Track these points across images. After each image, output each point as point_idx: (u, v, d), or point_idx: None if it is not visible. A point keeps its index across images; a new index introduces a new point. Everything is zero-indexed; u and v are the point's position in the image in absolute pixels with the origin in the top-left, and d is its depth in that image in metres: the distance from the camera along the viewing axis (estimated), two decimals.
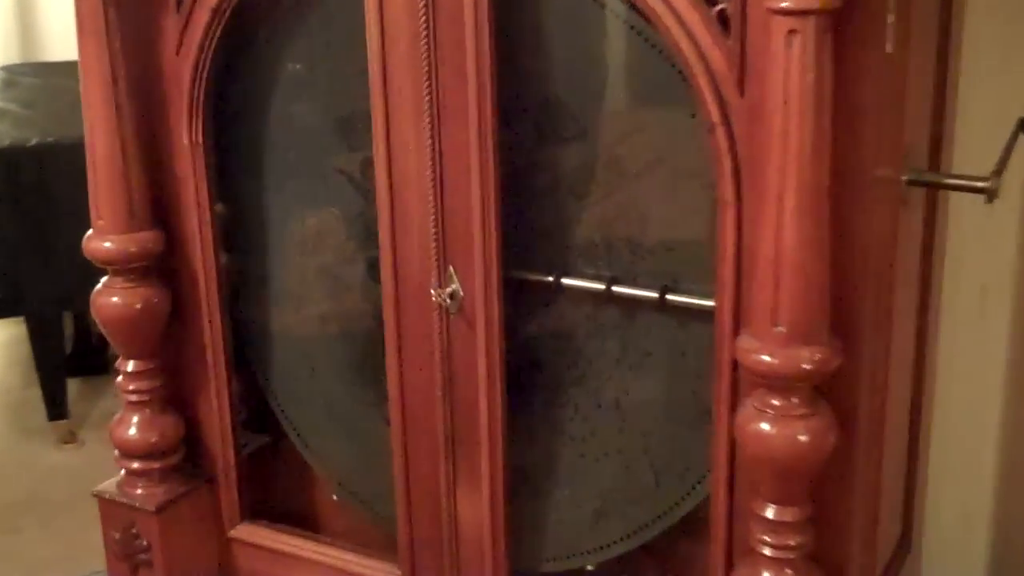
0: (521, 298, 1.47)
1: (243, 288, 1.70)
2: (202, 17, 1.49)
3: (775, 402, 1.20)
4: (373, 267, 1.57)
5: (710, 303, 1.34)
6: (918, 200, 1.41)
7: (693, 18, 1.19)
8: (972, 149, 1.56)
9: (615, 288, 1.41)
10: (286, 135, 1.60)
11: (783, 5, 1.08)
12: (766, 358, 1.18)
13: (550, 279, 1.45)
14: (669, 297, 1.38)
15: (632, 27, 1.30)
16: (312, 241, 1.64)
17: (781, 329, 1.17)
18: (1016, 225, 1.68)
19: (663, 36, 1.22)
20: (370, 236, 1.55)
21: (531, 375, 1.51)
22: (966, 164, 1.56)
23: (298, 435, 1.74)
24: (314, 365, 1.70)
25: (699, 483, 1.44)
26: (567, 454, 1.53)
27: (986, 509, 1.82)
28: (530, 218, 1.44)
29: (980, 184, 1.27)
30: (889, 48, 1.15)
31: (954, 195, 1.57)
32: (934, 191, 1.45)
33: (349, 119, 1.53)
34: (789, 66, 1.09)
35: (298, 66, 1.56)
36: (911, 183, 1.30)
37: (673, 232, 1.38)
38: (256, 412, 1.77)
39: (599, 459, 1.52)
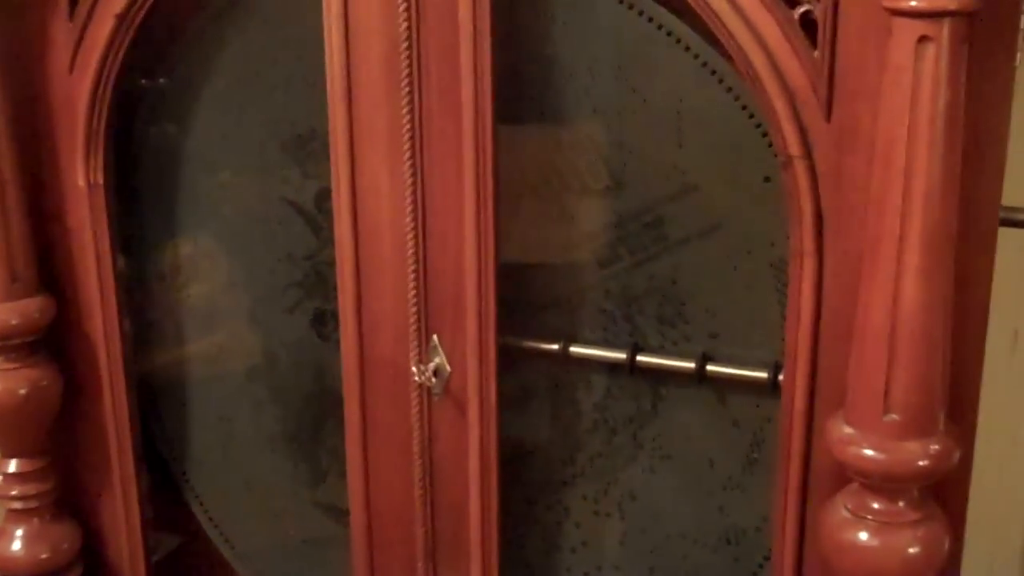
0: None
1: (148, 358, 1.39)
2: (103, 27, 1.18)
3: (876, 506, 0.95)
4: (320, 320, 1.29)
5: (760, 374, 1.10)
6: None
7: (767, 23, 0.94)
8: None
9: (640, 357, 1.15)
10: (214, 163, 1.29)
11: (912, 4, 0.83)
12: (871, 453, 0.93)
13: (554, 347, 1.18)
14: (711, 368, 1.12)
15: (697, 56, 1.04)
16: (241, 291, 1.34)
17: (894, 417, 0.92)
18: None
19: (727, 45, 0.96)
20: (320, 283, 1.26)
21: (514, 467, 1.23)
22: None
23: (221, 535, 1.44)
24: (241, 445, 1.39)
25: None
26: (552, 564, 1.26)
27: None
28: (534, 283, 1.17)
29: None
30: (1018, 59, 0.91)
31: None
32: None
33: (303, 139, 1.23)
34: (918, 84, 0.84)
35: (233, 78, 1.25)
36: (1003, 223, 1.07)
37: (717, 313, 1.12)
38: (163, 509, 1.45)
39: (589, 574, 1.25)
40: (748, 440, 1.14)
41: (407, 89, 1.07)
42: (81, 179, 1.24)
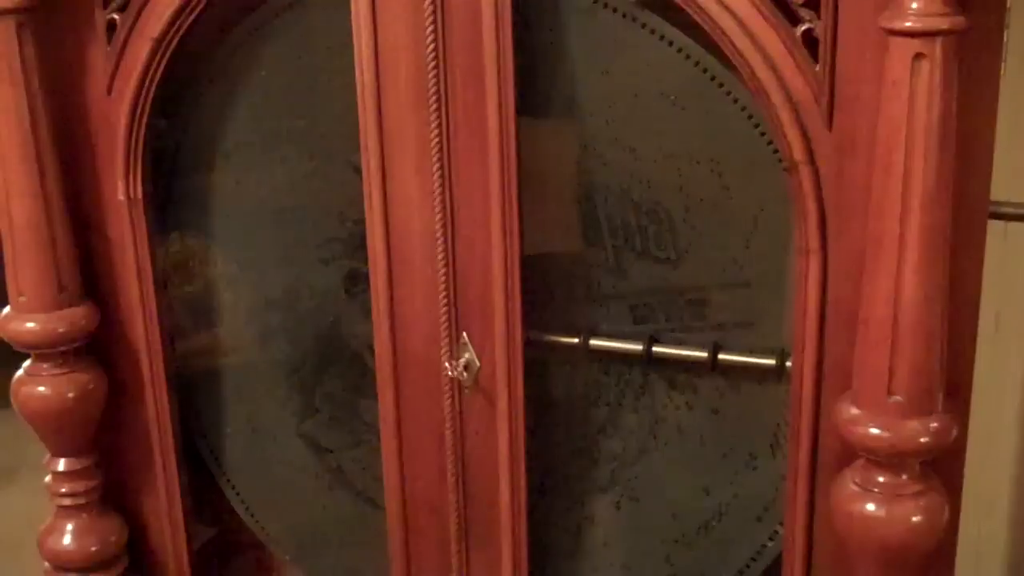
0: None
1: (182, 346, 1.46)
2: (141, 50, 1.25)
3: (882, 479, 1.04)
4: (352, 279, 1.35)
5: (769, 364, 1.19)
6: None
7: (772, 40, 1.02)
8: None
9: (655, 347, 1.23)
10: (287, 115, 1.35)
11: (907, 25, 0.92)
12: (877, 431, 1.02)
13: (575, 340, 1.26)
14: (722, 356, 1.20)
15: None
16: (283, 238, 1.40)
17: (897, 398, 1.00)
18: None
19: (735, 61, 1.04)
20: (361, 246, 1.29)
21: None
22: None
23: (252, 516, 1.51)
24: (274, 425, 1.46)
25: None
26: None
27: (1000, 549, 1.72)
28: (566, 322, 1.26)
29: None
30: (1003, 69, 1.00)
31: None
32: None
33: None
34: (914, 96, 0.93)
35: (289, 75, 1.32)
36: (992, 216, 1.15)
37: (725, 394, 1.22)
38: (197, 498, 1.53)
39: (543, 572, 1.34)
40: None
41: (435, 105, 1.15)
42: (121, 194, 1.31)
